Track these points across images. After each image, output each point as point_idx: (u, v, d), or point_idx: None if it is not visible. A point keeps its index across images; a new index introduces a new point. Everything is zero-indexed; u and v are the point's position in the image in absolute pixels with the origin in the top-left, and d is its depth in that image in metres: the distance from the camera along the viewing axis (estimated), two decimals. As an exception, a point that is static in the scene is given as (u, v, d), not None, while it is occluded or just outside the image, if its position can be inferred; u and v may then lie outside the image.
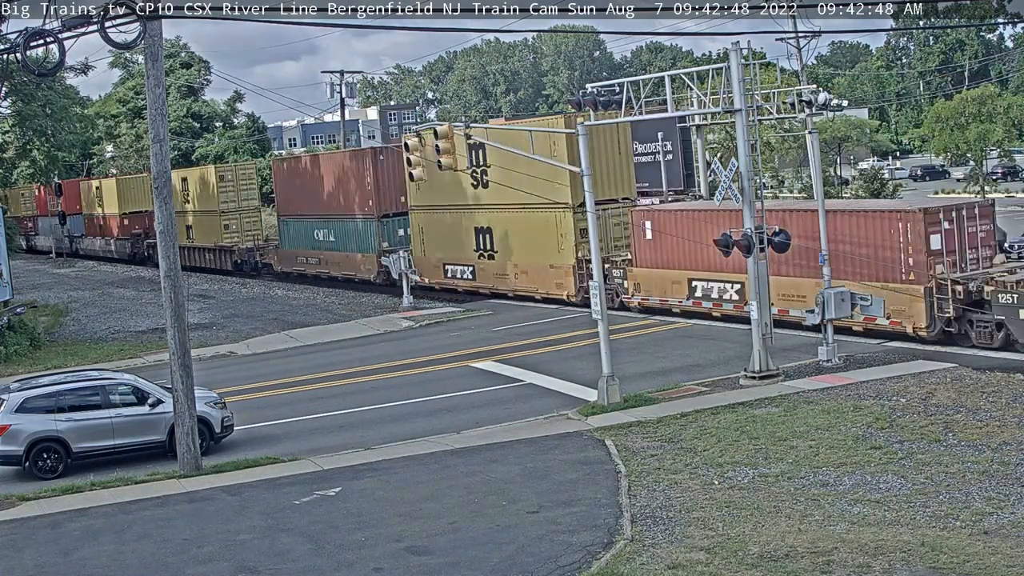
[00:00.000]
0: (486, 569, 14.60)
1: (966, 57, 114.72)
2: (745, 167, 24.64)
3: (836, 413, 21.02)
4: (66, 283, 59.91)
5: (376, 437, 22.86)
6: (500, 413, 24.15)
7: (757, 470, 18.01)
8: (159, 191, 21.02)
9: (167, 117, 21.53)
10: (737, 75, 24.44)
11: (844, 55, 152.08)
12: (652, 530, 15.58)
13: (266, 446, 22.87)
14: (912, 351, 26.22)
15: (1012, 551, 13.86)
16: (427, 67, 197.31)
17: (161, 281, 21.25)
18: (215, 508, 18.44)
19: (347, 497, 18.41)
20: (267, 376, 30.72)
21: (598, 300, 24.03)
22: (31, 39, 19.82)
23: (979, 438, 18.82)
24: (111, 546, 16.79)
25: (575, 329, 33.13)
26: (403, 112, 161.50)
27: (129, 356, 35.06)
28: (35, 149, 52.38)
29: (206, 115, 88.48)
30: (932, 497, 16.13)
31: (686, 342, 30.26)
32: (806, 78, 57.84)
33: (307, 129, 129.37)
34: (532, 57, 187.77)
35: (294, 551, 15.88)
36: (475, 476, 19.05)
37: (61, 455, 21.84)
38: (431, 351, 32.48)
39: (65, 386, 22.59)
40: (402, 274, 41.35)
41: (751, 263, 24.86)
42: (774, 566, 13.89)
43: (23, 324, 37.85)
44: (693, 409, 22.37)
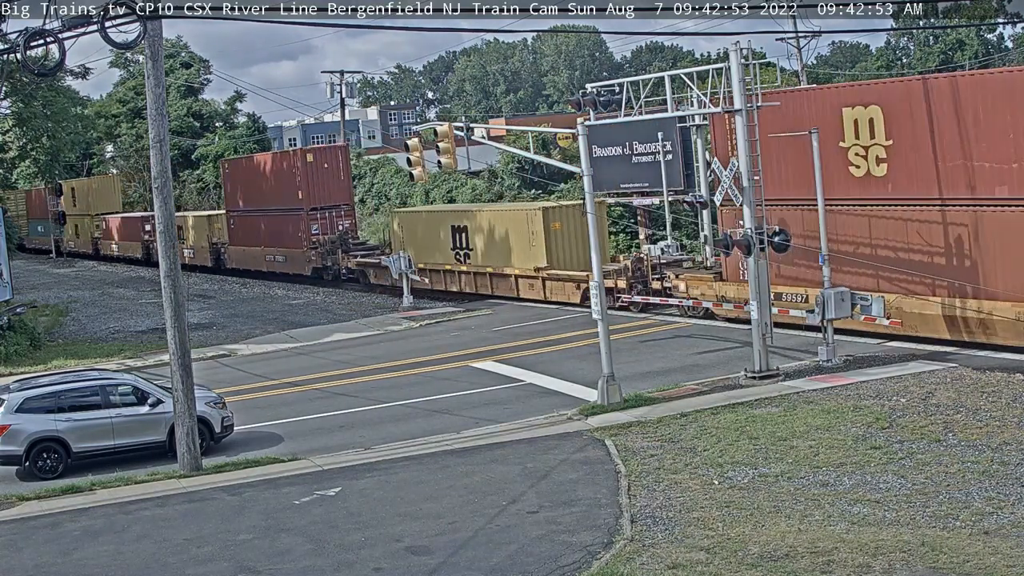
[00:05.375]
0: (486, 569, 14.61)
1: (966, 57, 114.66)
2: (745, 167, 24.65)
3: (836, 413, 21.02)
4: (66, 283, 59.90)
5: (376, 437, 22.86)
6: (500, 413, 24.15)
7: (757, 470, 18.01)
8: (159, 191, 21.03)
9: (167, 117, 21.53)
10: (737, 75, 24.45)
11: (844, 55, 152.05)
12: (652, 530, 15.58)
13: (266, 446, 22.88)
14: (912, 351, 26.22)
15: (1012, 551, 13.86)
16: (427, 67, 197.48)
17: (161, 281, 21.24)
18: (215, 508, 18.45)
19: (347, 497, 18.42)
20: (267, 376, 30.72)
21: (598, 300, 24.03)
22: (31, 39, 19.79)
23: (979, 438, 18.81)
24: (111, 546, 16.79)
25: (575, 329, 33.14)
26: (403, 112, 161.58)
27: (129, 356, 35.06)
28: (36, 148, 52.40)
29: (206, 115, 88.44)
30: (932, 497, 16.13)
31: (686, 342, 30.26)
32: (806, 78, 57.85)
33: (307, 129, 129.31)
34: (532, 57, 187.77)
35: (294, 551, 15.88)
36: (475, 476, 19.05)
37: (61, 455, 21.83)
38: (431, 351, 32.49)
39: (65, 386, 22.59)
40: (402, 274, 41.41)
41: (751, 263, 24.85)
42: (774, 566, 13.89)
43: (23, 324, 37.85)
44: (693, 409, 22.37)
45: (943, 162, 25.56)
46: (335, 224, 49.53)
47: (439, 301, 42.99)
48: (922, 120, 25.72)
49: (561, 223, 38.50)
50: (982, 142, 24.87)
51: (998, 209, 24.86)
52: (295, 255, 51.17)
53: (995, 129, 24.58)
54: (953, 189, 25.60)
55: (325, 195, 49.79)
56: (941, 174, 25.72)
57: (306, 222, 49.40)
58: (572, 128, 28.34)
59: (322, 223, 49.54)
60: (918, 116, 25.79)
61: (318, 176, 49.70)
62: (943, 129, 25.44)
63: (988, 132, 24.74)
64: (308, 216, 49.41)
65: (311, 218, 49.44)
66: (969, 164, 25.14)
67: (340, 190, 50.52)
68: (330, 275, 49.34)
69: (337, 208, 49.98)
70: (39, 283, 59.76)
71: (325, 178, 49.89)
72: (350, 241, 49.52)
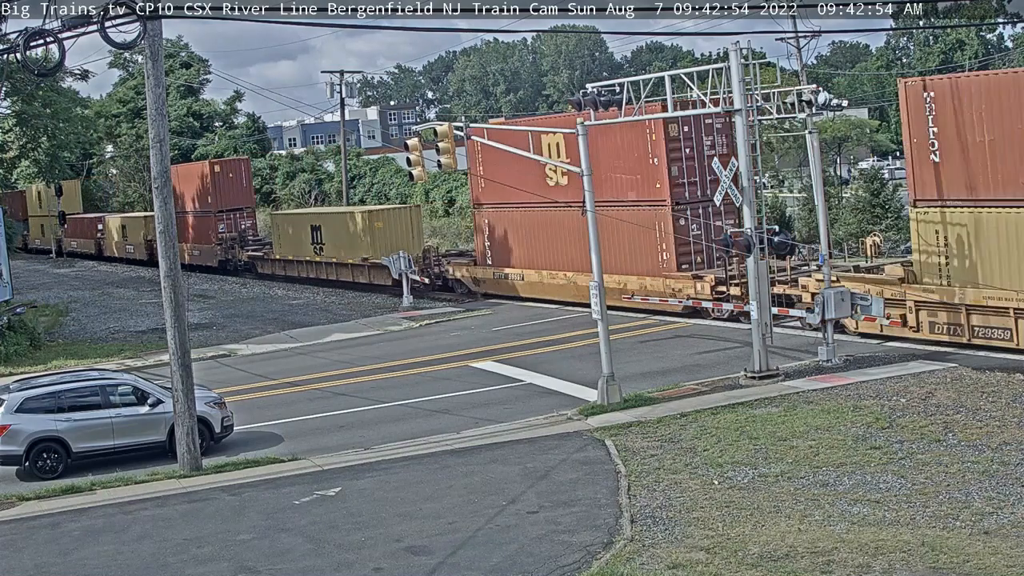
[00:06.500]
0: (486, 569, 14.60)
1: (966, 57, 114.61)
2: (745, 167, 24.65)
3: (836, 413, 21.02)
4: (66, 283, 59.89)
5: (376, 437, 22.86)
6: (500, 413, 24.15)
7: (757, 470, 18.01)
8: (159, 191, 21.03)
9: (167, 117, 21.54)
10: (737, 75, 24.45)
11: (844, 55, 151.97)
12: (652, 530, 15.58)
13: (266, 446, 22.88)
14: (912, 351, 26.23)
15: (1012, 551, 13.86)
16: (427, 67, 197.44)
17: (161, 281, 21.24)
18: (215, 508, 18.44)
19: (347, 497, 18.42)
20: (267, 376, 30.72)
21: (598, 300, 24.02)
22: (31, 39, 19.78)
23: (979, 438, 18.81)
24: (111, 546, 16.79)
25: (575, 329, 33.14)
26: (403, 112, 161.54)
27: (129, 356, 35.06)
28: (38, 148, 52.39)
29: (206, 114, 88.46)
30: (932, 497, 16.13)
31: (686, 342, 30.27)
32: (806, 78, 57.83)
33: (307, 129, 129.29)
34: (532, 57, 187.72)
35: (294, 551, 15.88)
36: (475, 476, 19.05)
37: (61, 455, 21.82)
38: (431, 351, 32.49)
39: (65, 386, 22.58)
40: (402, 274, 41.44)
41: (751, 263, 24.86)
42: (774, 566, 13.89)
43: (23, 324, 37.84)
44: (693, 409, 22.38)
45: (600, 176, 30.19)
46: (239, 224, 59.77)
47: (439, 301, 43.13)
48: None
49: (383, 223, 47.27)
50: (619, 160, 34.53)
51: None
52: (206, 249, 60.71)
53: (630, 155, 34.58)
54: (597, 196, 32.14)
55: (231, 200, 59.61)
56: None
57: (215, 222, 59.12)
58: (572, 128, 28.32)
59: (227, 223, 59.45)
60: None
61: (224, 184, 59.48)
62: (598, 153, 31.36)
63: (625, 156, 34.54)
64: (216, 217, 59.17)
65: (219, 219, 59.19)
66: (618, 177, 34.52)
67: (243, 196, 60.57)
68: (231, 267, 58.81)
69: (240, 211, 59.89)
70: (39, 283, 59.76)
71: (231, 186, 59.77)
72: (248, 238, 59.80)
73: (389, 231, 46.79)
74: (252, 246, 58.79)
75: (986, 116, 24.98)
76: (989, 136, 25.01)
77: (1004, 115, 24.74)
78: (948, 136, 25.82)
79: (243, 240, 59.22)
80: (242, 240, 59.17)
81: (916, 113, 26.50)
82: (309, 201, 76.15)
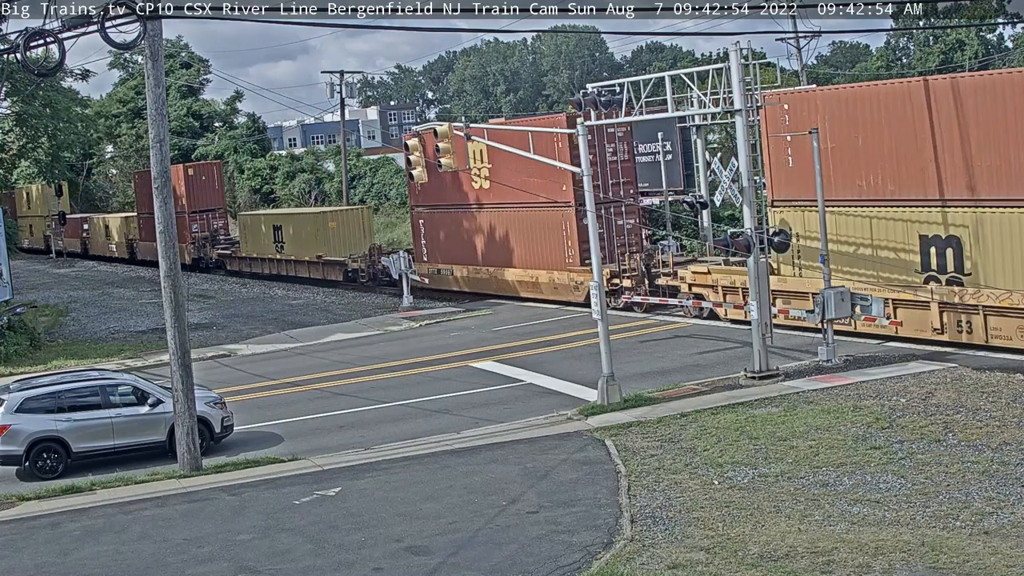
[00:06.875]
0: (486, 569, 14.61)
1: (966, 57, 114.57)
2: (745, 167, 24.65)
3: (836, 413, 21.02)
4: (66, 283, 59.91)
5: (376, 437, 22.86)
6: (500, 413, 24.16)
7: (757, 470, 18.01)
8: (159, 191, 21.03)
9: (167, 117, 21.53)
10: (737, 75, 24.45)
11: (844, 55, 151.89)
12: (652, 530, 15.58)
13: (266, 446, 22.88)
14: (912, 351, 26.23)
15: (1012, 551, 13.86)
16: (427, 67, 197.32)
17: (161, 281, 21.25)
18: (215, 508, 18.45)
19: (347, 497, 18.42)
20: (267, 376, 30.72)
21: (598, 300, 24.02)
22: (31, 39, 19.78)
23: (979, 438, 18.81)
24: (111, 546, 16.79)
25: (575, 329, 33.14)
26: (403, 112, 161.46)
27: (129, 356, 35.06)
28: (38, 148, 52.34)
29: (206, 115, 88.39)
30: (932, 497, 16.13)
31: (686, 342, 30.26)
32: (806, 78, 57.80)
33: (307, 129, 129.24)
34: (532, 57, 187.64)
35: (294, 551, 15.88)
36: (475, 476, 19.05)
37: (61, 455, 21.84)
38: (431, 351, 32.49)
39: (65, 386, 22.60)
40: (402, 274, 41.42)
41: (751, 263, 24.85)
42: (774, 566, 13.89)
43: (23, 324, 37.86)
44: (693, 409, 22.37)
45: (515, 180, 37.31)
46: (211, 224, 62.83)
47: (438, 301, 43.14)
48: (508, 154, 32.41)
49: (336, 223, 50.65)
50: (533, 169, 35.21)
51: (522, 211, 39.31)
52: (180, 248, 59.33)
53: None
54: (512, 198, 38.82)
55: (204, 201, 62.37)
56: (516, 188, 37.54)
57: (188, 222, 60.92)
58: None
59: (200, 223, 62.31)
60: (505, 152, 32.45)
61: (197, 186, 62.10)
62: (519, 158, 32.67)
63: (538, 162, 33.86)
64: (190, 217, 61.34)
65: (192, 219, 61.58)
66: (530, 180, 36.81)
67: (215, 197, 63.39)
68: (203, 264, 61.76)
69: (213, 211, 62.84)
70: (39, 283, 59.76)
71: (204, 188, 62.39)
72: (220, 237, 62.89)
73: (342, 231, 50.49)
74: (222, 245, 62.27)
75: (829, 126, 28.22)
76: (832, 144, 28.29)
77: (842, 126, 28.23)
78: (801, 144, 28.63)
79: (215, 239, 62.45)
80: (213, 239, 62.36)
81: (773, 124, 29.68)
82: (309, 201, 76.11)
